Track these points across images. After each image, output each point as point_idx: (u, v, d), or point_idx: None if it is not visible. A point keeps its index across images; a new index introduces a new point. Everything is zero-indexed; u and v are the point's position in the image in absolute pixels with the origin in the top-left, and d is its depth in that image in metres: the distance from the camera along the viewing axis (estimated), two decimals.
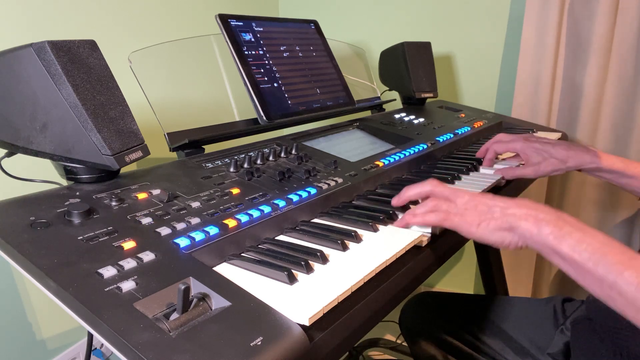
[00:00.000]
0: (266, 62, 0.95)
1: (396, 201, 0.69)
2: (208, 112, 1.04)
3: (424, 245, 0.63)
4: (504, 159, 1.02)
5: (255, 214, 0.61)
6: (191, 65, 1.05)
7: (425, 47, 1.42)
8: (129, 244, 0.50)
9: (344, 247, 0.58)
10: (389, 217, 0.68)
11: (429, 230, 0.65)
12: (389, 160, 0.90)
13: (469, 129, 1.21)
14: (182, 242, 0.52)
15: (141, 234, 0.53)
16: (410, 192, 0.67)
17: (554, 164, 0.88)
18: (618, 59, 1.39)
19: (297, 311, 0.44)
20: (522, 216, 0.56)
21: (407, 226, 0.65)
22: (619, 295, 0.48)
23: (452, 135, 1.13)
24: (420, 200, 0.69)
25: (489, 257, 1.40)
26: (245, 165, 0.75)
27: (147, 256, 0.49)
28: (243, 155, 0.79)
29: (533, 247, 0.56)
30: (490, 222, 0.58)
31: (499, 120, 1.36)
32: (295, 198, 0.68)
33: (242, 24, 0.94)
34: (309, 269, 0.52)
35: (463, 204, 0.61)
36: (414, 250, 0.62)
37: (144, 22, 1.37)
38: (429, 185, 0.65)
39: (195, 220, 0.57)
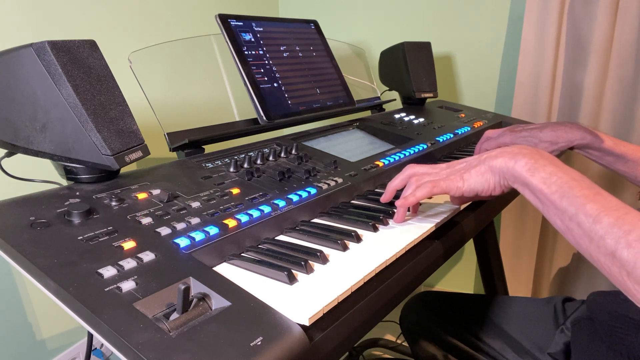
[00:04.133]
0: (266, 62, 0.95)
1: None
2: (208, 112, 1.04)
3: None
4: None
5: (255, 214, 0.61)
6: (191, 65, 1.05)
7: (425, 47, 1.42)
8: (129, 244, 0.50)
9: (344, 247, 0.58)
10: (389, 217, 0.68)
11: (430, 225, 0.65)
12: (389, 160, 0.90)
13: (469, 129, 1.21)
14: (182, 242, 0.52)
15: (141, 234, 0.53)
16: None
17: (545, 148, 0.88)
18: (618, 59, 1.39)
19: (297, 311, 0.44)
20: (498, 154, 0.59)
21: (404, 215, 0.67)
22: (577, 227, 0.49)
23: (452, 135, 1.13)
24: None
25: (489, 257, 1.40)
26: (245, 165, 0.75)
27: (147, 256, 0.49)
28: (243, 155, 0.79)
29: (511, 182, 0.58)
30: (471, 171, 0.62)
31: (499, 120, 1.36)
32: (295, 198, 0.68)
33: (242, 24, 0.94)
34: (309, 269, 0.52)
35: (444, 170, 0.65)
36: (414, 250, 0.62)
37: (144, 22, 1.37)
38: (408, 170, 0.68)
39: (195, 220, 0.57)
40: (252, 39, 0.94)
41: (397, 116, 1.22)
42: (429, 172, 0.66)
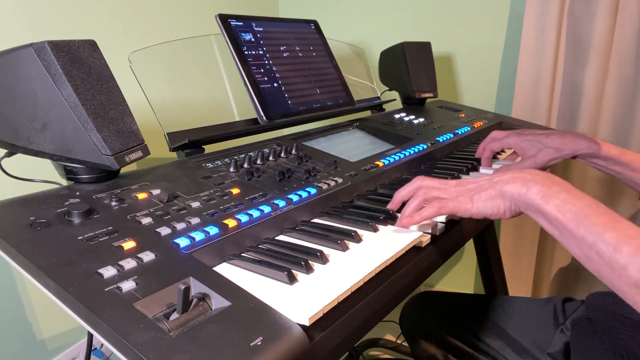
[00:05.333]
0: (266, 62, 0.95)
1: (391, 206, 0.69)
2: (208, 112, 1.04)
3: (424, 245, 0.63)
4: (504, 159, 1.01)
5: (255, 214, 0.61)
6: (191, 65, 1.05)
7: (425, 47, 1.42)
8: (129, 244, 0.50)
9: (344, 247, 0.58)
10: (389, 217, 0.68)
11: (429, 230, 0.65)
12: (389, 160, 0.90)
13: (469, 129, 1.21)
14: (182, 242, 0.52)
15: (141, 234, 0.53)
16: (401, 193, 0.68)
17: (550, 154, 0.87)
18: (618, 58, 1.39)
19: (297, 311, 0.44)
20: (509, 180, 0.58)
21: (407, 228, 0.65)
22: (597, 256, 0.48)
23: (452, 135, 1.13)
24: None
25: (489, 257, 1.40)
26: (245, 165, 0.75)
27: (147, 256, 0.49)
28: (243, 155, 0.79)
29: (523, 209, 0.57)
30: (482, 194, 0.60)
31: (499, 120, 1.36)
32: (295, 198, 0.68)
33: (242, 24, 0.94)
34: (309, 269, 0.52)
35: (453, 189, 0.63)
36: (414, 250, 0.62)
37: (144, 22, 1.37)
38: (417, 182, 0.66)
39: (195, 220, 0.57)
40: (252, 39, 0.94)
41: (397, 116, 1.22)
42: (438, 187, 0.64)
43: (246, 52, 0.91)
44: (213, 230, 0.56)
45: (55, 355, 1.26)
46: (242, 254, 0.57)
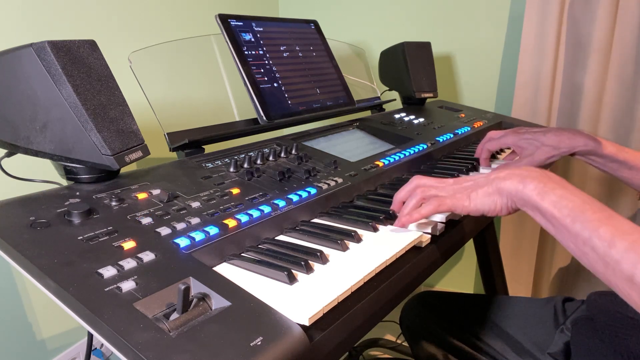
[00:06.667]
0: (266, 62, 0.95)
1: (393, 207, 0.70)
2: (208, 112, 1.04)
3: (423, 245, 0.63)
4: (503, 158, 1.01)
5: (255, 214, 0.61)
6: (191, 65, 1.05)
7: (425, 47, 1.42)
8: (129, 244, 0.50)
9: (344, 247, 0.58)
10: (389, 217, 0.68)
11: (429, 230, 0.65)
12: (389, 160, 0.90)
13: (469, 129, 1.21)
14: (182, 242, 0.52)
15: (141, 234, 0.53)
16: (400, 194, 0.68)
17: (547, 152, 0.87)
18: (618, 58, 1.39)
19: (297, 311, 0.44)
20: (506, 177, 0.58)
21: (405, 226, 0.65)
22: (592, 251, 0.49)
23: (452, 135, 1.13)
24: None
25: (489, 257, 1.40)
26: (245, 165, 0.75)
27: (147, 256, 0.48)
28: (243, 155, 0.79)
29: (520, 205, 0.57)
30: (479, 191, 0.60)
31: (499, 120, 1.36)
32: (295, 198, 0.68)
33: (242, 24, 0.94)
34: (308, 269, 0.52)
35: (450, 187, 0.64)
36: (414, 250, 0.62)
37: (144, 22, 1.37)
38: (414, 181, 0.67)
39: (195, 220, 0.57)
40: (252, 39, 0.94)
41: (397, 116, 1.22)
42: (436, 185, 0.65)
43: (246, 52, 0.91)
44: (213, 230, 0.56)
45: (55, 355, 1.26)
46: (242, 254, 0.57)
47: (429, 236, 0.64)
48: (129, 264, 0.47)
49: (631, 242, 0.46)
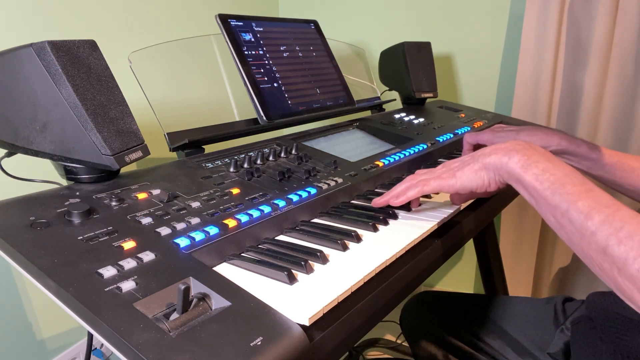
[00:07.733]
0: (266, 62, 0.95)
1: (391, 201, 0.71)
2: (208, 112, 1.04)
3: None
4: None
5: (255, 214, 0.61)
6: (191, 65, 1.05)
7: (425, 47, 1.42)
8: (129, 244, 0.50)
9: (344, 247, 0.58)
10: (389, 217, 0.68)
11: (430, 225, 0.66)
12: (389, 160, 0.90)
13: (469, 129, 1.21)
14: (182, 242, 0.52)
15: (141, 234, 0.53)
16: (394, 191, 0.70)
17: None
18: (618, 59, 1.39)
19: (297, 311, 0.44)
20: (492, 151, 0.59)
21: (387, 204, 0.69)
22: (569, 223, 0.49)
23: (452, 135, 1.13)
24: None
25: (489, 257, 1.40)
26: (245, 165, 0.75)
27: (147, 256, 0.48)
28: (243, 155, 0.79)
29: (506, 178, 0.58)
30: (465, 169, 0.62)
31: (499, 120, 1.36)
32: (295, 198, 0.68)
33: (242, 24, 0.94)
34: (309, 269, 0.52)
35: (439, 169, 0.66)
36: (414, 250, 0.62)
37: (144, 22, 1.37)
38: (407, 177, 0.70)
39: (195, 220, 0.57)
40: (252, 39, 0.94)
41: (397, 116, 1.22)
42: (425, 172, 0.68)
43: (246, 52, 0.91)
44: (213, 230, 0.56)
45: (55, 355, 1.26)
46: (242, 254, 0.57)
47: (433, 229, 0.65)
48: (129, 264, 0.47)
49: (607, 215, 0.46)
